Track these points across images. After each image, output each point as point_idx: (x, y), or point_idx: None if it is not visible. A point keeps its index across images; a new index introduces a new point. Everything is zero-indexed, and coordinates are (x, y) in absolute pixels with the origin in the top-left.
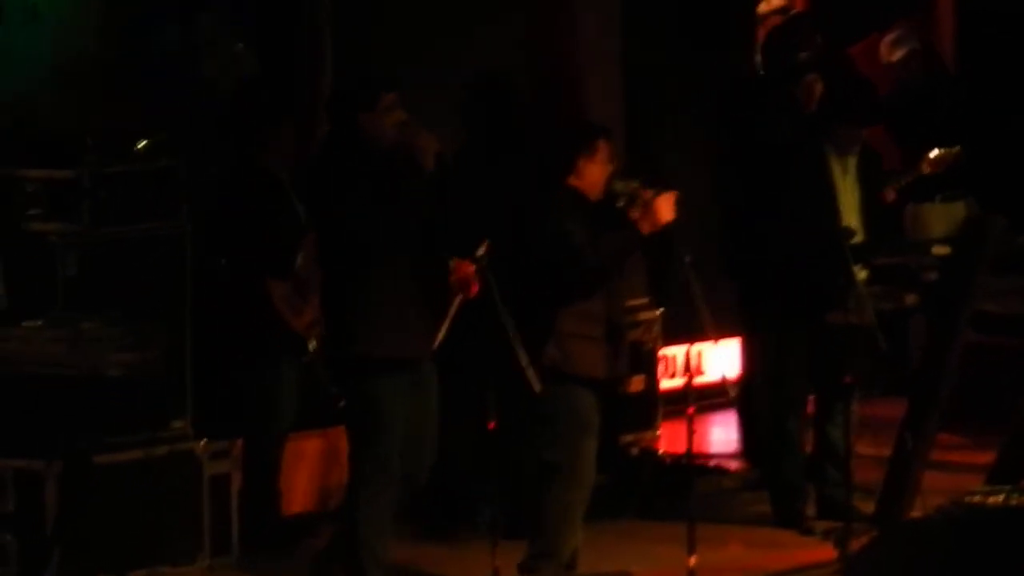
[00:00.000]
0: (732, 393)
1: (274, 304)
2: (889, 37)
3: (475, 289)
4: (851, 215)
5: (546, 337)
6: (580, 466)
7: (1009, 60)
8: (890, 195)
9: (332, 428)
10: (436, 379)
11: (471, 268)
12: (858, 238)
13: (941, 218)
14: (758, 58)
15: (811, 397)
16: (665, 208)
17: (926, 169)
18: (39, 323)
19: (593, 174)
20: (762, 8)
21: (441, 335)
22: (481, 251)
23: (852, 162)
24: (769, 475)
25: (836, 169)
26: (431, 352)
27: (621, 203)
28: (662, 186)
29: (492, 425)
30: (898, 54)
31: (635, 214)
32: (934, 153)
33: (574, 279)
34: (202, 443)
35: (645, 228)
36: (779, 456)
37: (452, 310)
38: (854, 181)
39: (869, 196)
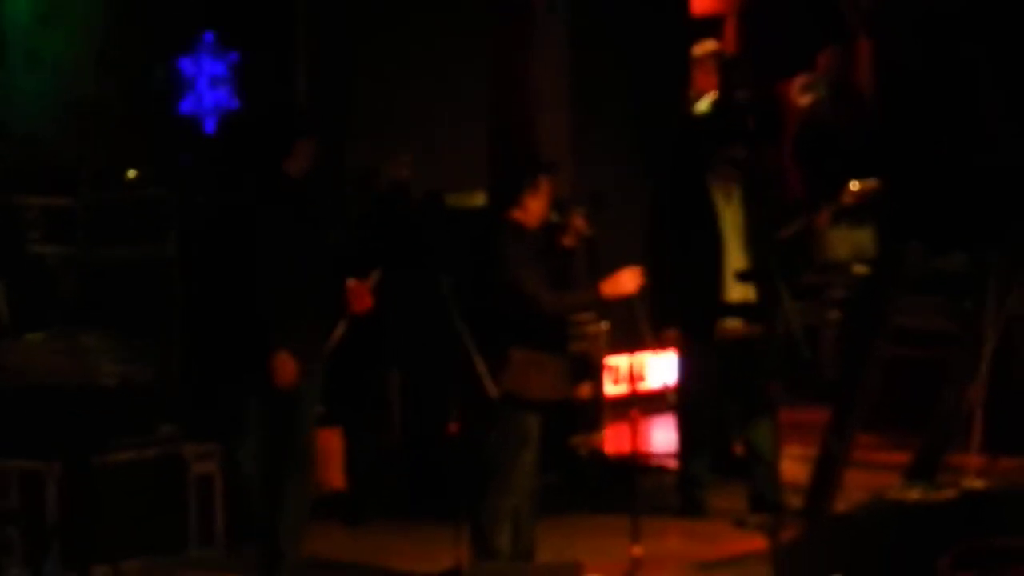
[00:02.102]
0: (670, 400)
1: None
2: (799, 82)
3: (362, 306)
4: (734, 242)
5: (502, 366)
6: (515, 476)
7: (924, 94)
8: (824, 218)
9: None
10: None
11: (364, 290)
12: (741, 261)
13: (846, 241)
14: (692, 95)
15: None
16: (628, 280)
17: (847, 200)
18: (40, 337)
19: (535, 207)
20: (696, 51)
21: (332, 342)
22: (373, 277)
23: (735, 189)
24: (679, 468)
25: (718, 197)
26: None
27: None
28: (596, 208)
29: (454, 427)
30: (806, 99)
31: (567, 240)
32: (855, 185)
33: (530, 318)
34: (189, 446)
35: (606, 292)
36: (688, 453)
37: (342, 325)
38: (738, 207)
39: (752, 220)
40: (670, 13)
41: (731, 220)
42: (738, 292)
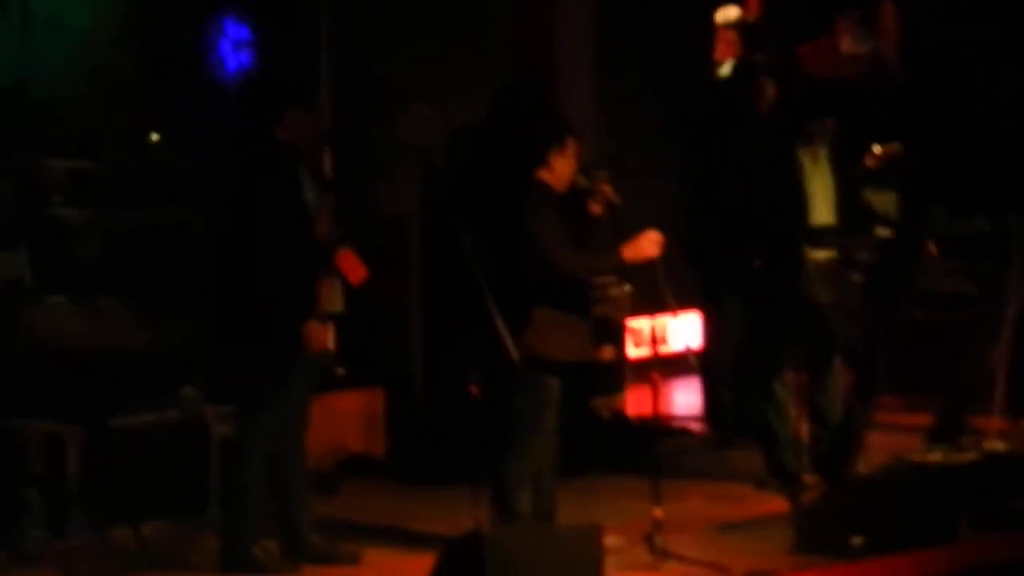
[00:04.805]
0: (693, 363)
1: None
2: (855, 32)
3: (357, 276)
4: (823, 202)
5: (524, 328)
6: (536, 438)
7: (948, 60)
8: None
9: (331, 393)
10: None
11: (354, 259)
12: (830, 220)
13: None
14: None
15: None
16: (650, 244)
17: (870, 163)
18: (62, 300)
19: (562, 168)
20: (719, 19)
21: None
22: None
23: (823, 152)
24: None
25: (806, 160)
26: None
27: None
28: (614, 170)
29: (476, 389)
30: (864, 48)
31: (595, 208)
32: (878, 148)
33: (552, 280)
34: (210, 408)
35: (628, 256)
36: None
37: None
38: (826, 170)
39: (843, 182)
40: None
41: (820, 183)
42: (822, 255)
